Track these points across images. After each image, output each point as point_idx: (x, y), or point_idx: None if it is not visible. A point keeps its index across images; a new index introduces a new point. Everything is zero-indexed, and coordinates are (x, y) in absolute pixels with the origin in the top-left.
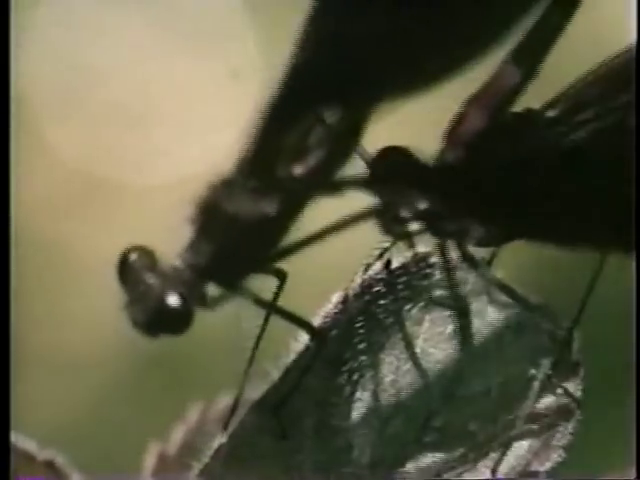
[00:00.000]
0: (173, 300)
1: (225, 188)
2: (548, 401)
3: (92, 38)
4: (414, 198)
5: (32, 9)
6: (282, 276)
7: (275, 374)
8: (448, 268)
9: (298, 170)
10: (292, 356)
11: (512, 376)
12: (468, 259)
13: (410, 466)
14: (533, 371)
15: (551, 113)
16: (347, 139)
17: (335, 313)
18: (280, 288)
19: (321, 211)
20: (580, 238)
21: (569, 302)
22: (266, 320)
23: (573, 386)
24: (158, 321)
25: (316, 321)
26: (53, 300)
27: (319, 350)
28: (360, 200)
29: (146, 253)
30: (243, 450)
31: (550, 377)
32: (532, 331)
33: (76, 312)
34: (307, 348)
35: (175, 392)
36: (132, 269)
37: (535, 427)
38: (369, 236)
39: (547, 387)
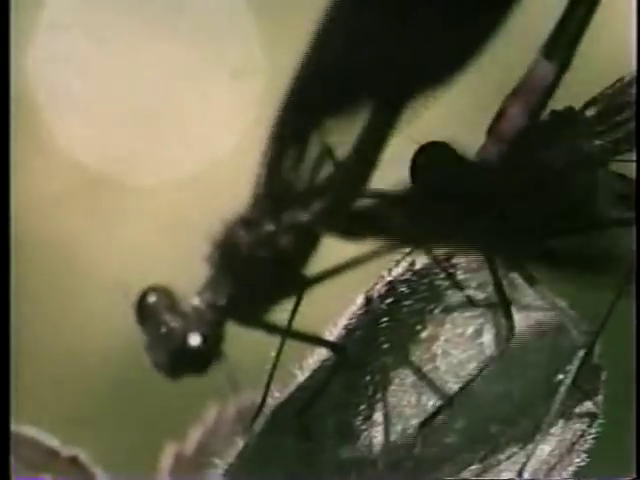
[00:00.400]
0: (195, 341)
1: (241, 226)
2: (571, 405)
3: (93, 37)
4: (457, 192)
5: (33, 9)
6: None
7: (300, 376)
8: (492, 262)
9: (314, 205)
10: (317, 357)
11: (534, 379)
12: None
13: (430, 467)
14: (561, 376)
15: (590, 112)
16: (358, 170)
17: (359, 314)
18: (301, 295)
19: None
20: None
21: (593, 305)
22: (283, 340)
23: (594, 390)
24: (180, 362)
25: (340, 323)
26: (54, 299)
27: (341, 366)
28: None
29: (165, 293)
30: (267, 450)
31: (574, 381)
32: (555, 334)
33: (79, 312)
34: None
35: (185, 391)
36: (151, 310)
37: (556, 430)
38: None
39: (571, 392)
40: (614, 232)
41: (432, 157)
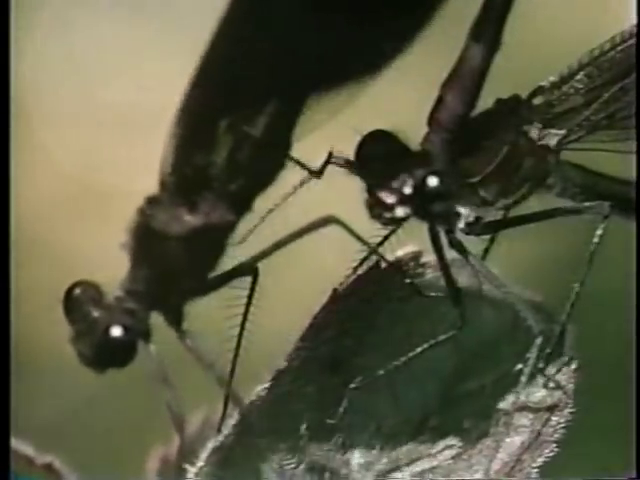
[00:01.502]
0: (117, 332)
1: (151, 208)
2: (539, 395)
3: (91, 44)
4: (399, 182)
5: (31, 14)
6: (254, 273)
7: (267, 375)
8: (439, 251)
9: (226, 187)
10: (283, 357)
11: (505, 373)
12: (456, 245)
13: (405, 466)
14: (520, 365)
15: (538, 100)
16: (274, 150)
17: (326, 312)
18: (253, 286)
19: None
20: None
21: (562, 297)
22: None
23: (565, 379)
24: (103, 354)
25: (306, 321)
26: (52, 302)
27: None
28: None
29: (91, 287)
30: (238, 451)
31: (541, 370)
32: (524, 328)
33: None
34: (298, 349)
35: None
36: (76, 303)
37: (527, 421)
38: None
39: (536, 380)
40: None
41: (376, 147)
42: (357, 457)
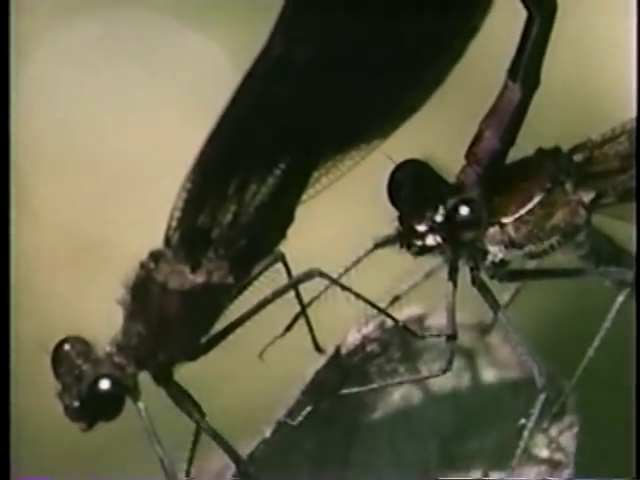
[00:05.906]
0: (105, 384)
1: (154, 262)
2: (541, 454)
3: (83, 100)
4: (431, 211)
5: (24, 68)
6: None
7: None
8: (453, 288)
9: (231, 248)
10: (283, 410)
11: (507, 433)
12: (478, 283)
13: None
14: (523, 420)
15: (578, 157)
16: (277, 218)
17: (329, 369)
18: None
19: None
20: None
21: (569, 358)
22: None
23: (566, 441)
24: (90, 407)
25: (309, 375)
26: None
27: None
28: None
29: (80, 342)
30: None
31: (545, 430)
32: (528, 389)
33: None
34: (298, 402)
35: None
36: (65, 358)
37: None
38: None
39: (538, 437)
40: None
41: (410, 176)
42: None
